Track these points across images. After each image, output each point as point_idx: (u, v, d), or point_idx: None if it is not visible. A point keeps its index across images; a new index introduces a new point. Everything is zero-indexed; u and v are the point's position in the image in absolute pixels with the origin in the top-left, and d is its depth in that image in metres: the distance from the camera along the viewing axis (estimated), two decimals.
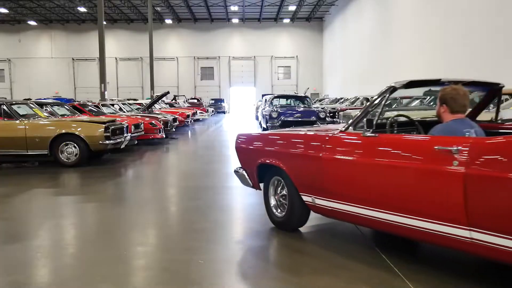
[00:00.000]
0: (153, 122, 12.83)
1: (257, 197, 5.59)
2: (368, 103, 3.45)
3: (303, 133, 4.02)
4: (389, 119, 3.61)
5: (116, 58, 44.97)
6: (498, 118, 4.00)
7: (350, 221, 3.59)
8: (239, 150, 4.68)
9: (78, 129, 8.53)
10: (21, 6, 38.75)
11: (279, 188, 4.20)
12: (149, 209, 5.30)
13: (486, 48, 14.11)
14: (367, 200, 3.22)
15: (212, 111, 33.38)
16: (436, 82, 3.48)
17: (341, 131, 3.54)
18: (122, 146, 9.50)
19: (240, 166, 4.69)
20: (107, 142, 8.58)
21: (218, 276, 3.20)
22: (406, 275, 3.04)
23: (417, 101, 13.60)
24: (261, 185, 4.51)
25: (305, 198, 3.83)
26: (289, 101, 19.12)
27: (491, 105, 8.12)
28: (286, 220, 4.11)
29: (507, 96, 8.28)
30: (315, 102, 25.40)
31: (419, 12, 19.81)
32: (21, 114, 8.81)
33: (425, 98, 13.13)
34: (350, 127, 3.49)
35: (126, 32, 45.43)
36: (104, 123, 8.80)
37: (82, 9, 39.30)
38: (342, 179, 3.45)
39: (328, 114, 15.99)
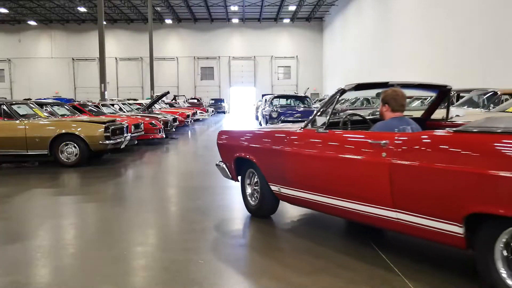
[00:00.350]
0: (153, 122, 12.83)
1: None
2: (323, 103, 3.92)
3: (270, 130, 4.55)
4: (343, 117, 4.15)
5: (116, 58, 44.95)
6: (449, 117, 4.38)
7: (309, 207, 4.02)
8: (220, 145, 5.11)
9: (78, 129, 8.53)
10: (21, 6, 38.74)
11: (253, 180, 4.65)
12: (149, 209, 5.30)
13: (487, 48, 14.11)
14: (320, 187, 3.68)
15: (212, 111, 33.37)
16: (384, 85, 3.85)
17: (301, 128, 4.00)
18: (122, 146, 9.50)
19: (221, 160, 5.11)
20: (107, 142, 8.58)
21: (218, 276, 3.20)
22: (406, 275, 3.04)
23: (418, 102, 13.62)
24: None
25: (273, 187, 4.28)
26: (289, 101, 19.12)
27: (491, 105, 8.12)
28: (259, 208, 4.58)
29: (507, 96, 8.27)
30: (315, 102, 25.39)
31: (419, 12, 19.81)
32: (21, 114, 8.81)
33: (426, 99, 13.15)
34: (309, 125, 3.93)
35: (126, 32, 45.41)
36: (104, 123, 8.80)
37: (82, 9, 39.29)
38: (299, 169, 3.90)
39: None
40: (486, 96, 8.49)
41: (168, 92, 17.57)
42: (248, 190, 4.75)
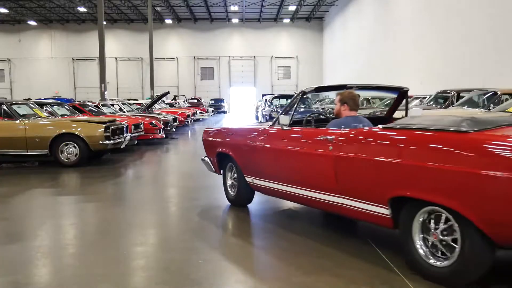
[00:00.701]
0: (153, 122, 12.83)
1: (256, 196, 5.58)
2: (287, 104, 4.29)
3: (244, 127, 5.10)
4: (306, 116, 4.59)
5: (116, 58, 44.94)
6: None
7: (277, 196, 4.46)
8: (204, 141, 5.59)
9: (78, 129, 8.53)
10: (21, 6, 38.73)
11: (232, 173, 5.09)
12: (149, 209, 5.30)
13: (487, 48, 14.11)
14: (283, 178, 4.15)
15: (212, 111, 33.36)
16: (343, 87, 4.32)
17: (269, 126, 4.51)
18: (122, 146, 9.49)
19: (206, 155, 5.57)
20: (107, 142, 8.58)
21: (218, 276, 3.20)
22: (406, 275, 3.04)
23: (417, 101, 13.64)
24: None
25: (247, 179, 4.73)
26: (289, 101, 19.10)
27: (492, 105, 8.10)
28: (237, 198, 5.08)
29: (507, 96, 8.27)
30: (315, 103, 25.40)
31: (419, 12, 19.81)
32: (21, 114, 8.81)
33: (425, 97, 13.18)
34: (276, 123, 4.39)
35: (126, 32, 45.39)
36: (104, 123, 8.80)
37: (82, 9, 39.28)
38: (267, 162, 4.38)
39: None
40: (486, 96, 8.49)
41: (168, 92, 17.57)
42: (229, 182, 5.21)
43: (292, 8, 40.48)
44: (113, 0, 37.52)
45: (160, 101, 19.78)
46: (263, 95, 26.11)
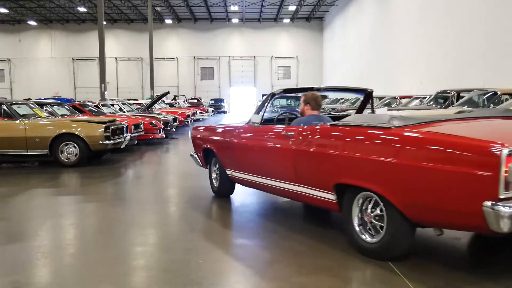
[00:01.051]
0: (153, 122, 12.83)
1: (257, 196, 5.60)
2: (260, 104, 4.78)
3: (224, 125, 5.58)
4: (278, 115, 5.24)
5: (116, 58, 44.93)
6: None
7: (252, 187, 4.93)
8: (193, 138, 6.12)
9: (78, 129, 8.53)
10: (21, 6, 38.73)
11: (216, 166, 5.56)
12: (149, 209, 5.30)
13: (487, 48, 14.11)
14: (254, 170, 4.64)
15: (212, 111, 33.35)
16: (309, 89, 4.74)
17: (245, 124, 4.93)
18: (122, 146, 9.49)
19: (194, 151, 6.10)
20: (107, 142, 8.58)
21: (218, 276, 3.20)
22: (406, 275, 3.04)
23: (417, 101, 13.64)
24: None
25: (228, 172, 5.21)
26: (289, 101, 19.10)
27: (491, 105, 8.11)
28: (220, 189, 5.57)
29: (507, 96, 8.27)
30: None
31: (419, 12, 19.80)
32: (21, 114, 8.81)
33: (425, 97, 13.19)
34: (250, 121, 4.74)
35: (126, 32, 45.39)
36: (104, 123, 8.80)
37: (82, 9, 39.26)
38: (242, 156, 4.88)
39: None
40: (486, 96, 8.50)
41: (168, 92, 17.56)
42: (213, 175, 5.70)
43: (292, 8, 40.48)
44: (113, 0, 37.52)
45: (160, 101, 19.77)
46: (263, 95, 26.10)
